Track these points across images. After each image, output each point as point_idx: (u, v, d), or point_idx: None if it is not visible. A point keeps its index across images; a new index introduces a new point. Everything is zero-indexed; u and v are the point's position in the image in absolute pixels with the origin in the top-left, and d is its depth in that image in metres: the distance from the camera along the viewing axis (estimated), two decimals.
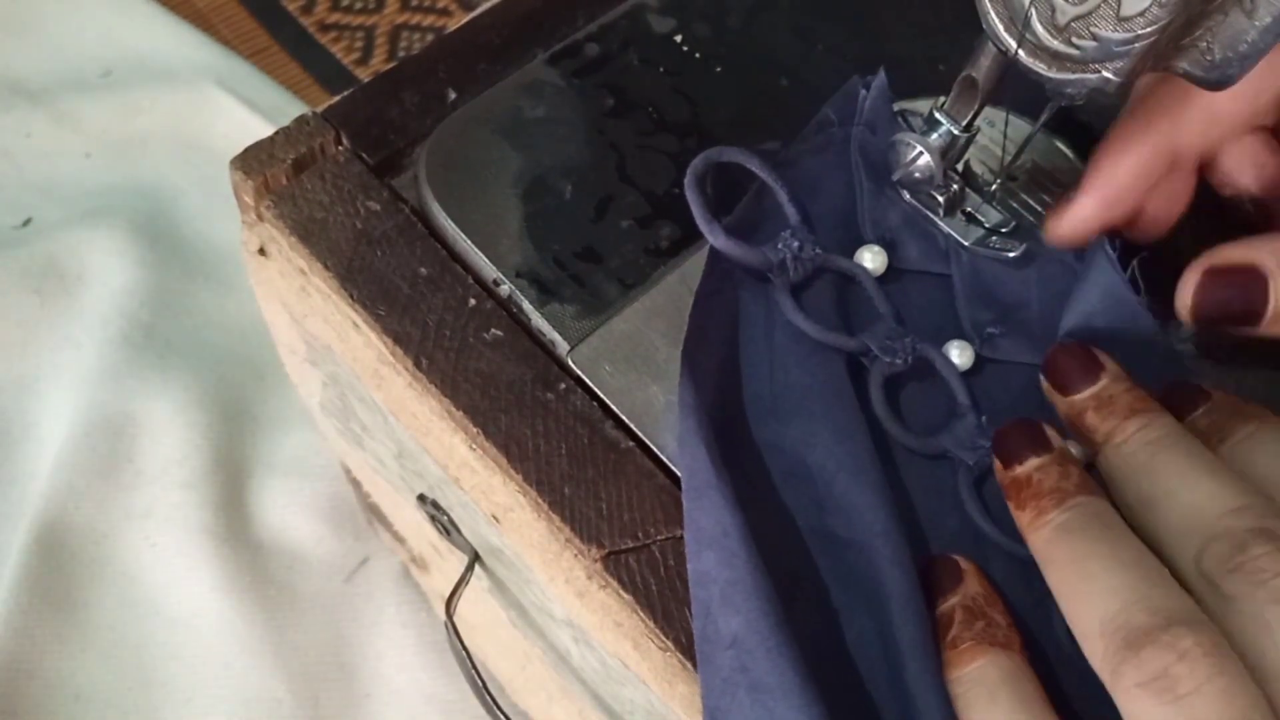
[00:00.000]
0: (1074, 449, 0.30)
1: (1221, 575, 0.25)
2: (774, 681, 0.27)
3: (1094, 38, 0.27)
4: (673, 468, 0.32)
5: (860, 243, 0.34)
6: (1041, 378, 0.31)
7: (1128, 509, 0.28)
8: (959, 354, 0.33)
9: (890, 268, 0.34)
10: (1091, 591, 0.26)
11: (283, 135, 0.36)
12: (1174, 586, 0.26)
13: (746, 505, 0.29)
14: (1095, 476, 0.29)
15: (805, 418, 0.31)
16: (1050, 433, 0.29)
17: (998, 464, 0.30)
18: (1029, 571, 0.29)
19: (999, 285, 0.34)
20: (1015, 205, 0.35)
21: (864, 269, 0.33)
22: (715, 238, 0.32)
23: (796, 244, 0.32)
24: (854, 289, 0.34)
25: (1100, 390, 0.30)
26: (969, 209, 0.35)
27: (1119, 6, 0.26)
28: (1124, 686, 0.24)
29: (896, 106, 0.37)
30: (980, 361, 0.33)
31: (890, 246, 0.34)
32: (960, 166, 0.35)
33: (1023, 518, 0.29)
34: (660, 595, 0.30)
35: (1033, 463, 0.29)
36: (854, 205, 0.35)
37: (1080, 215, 0.32)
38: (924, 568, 0.29)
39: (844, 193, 0.35)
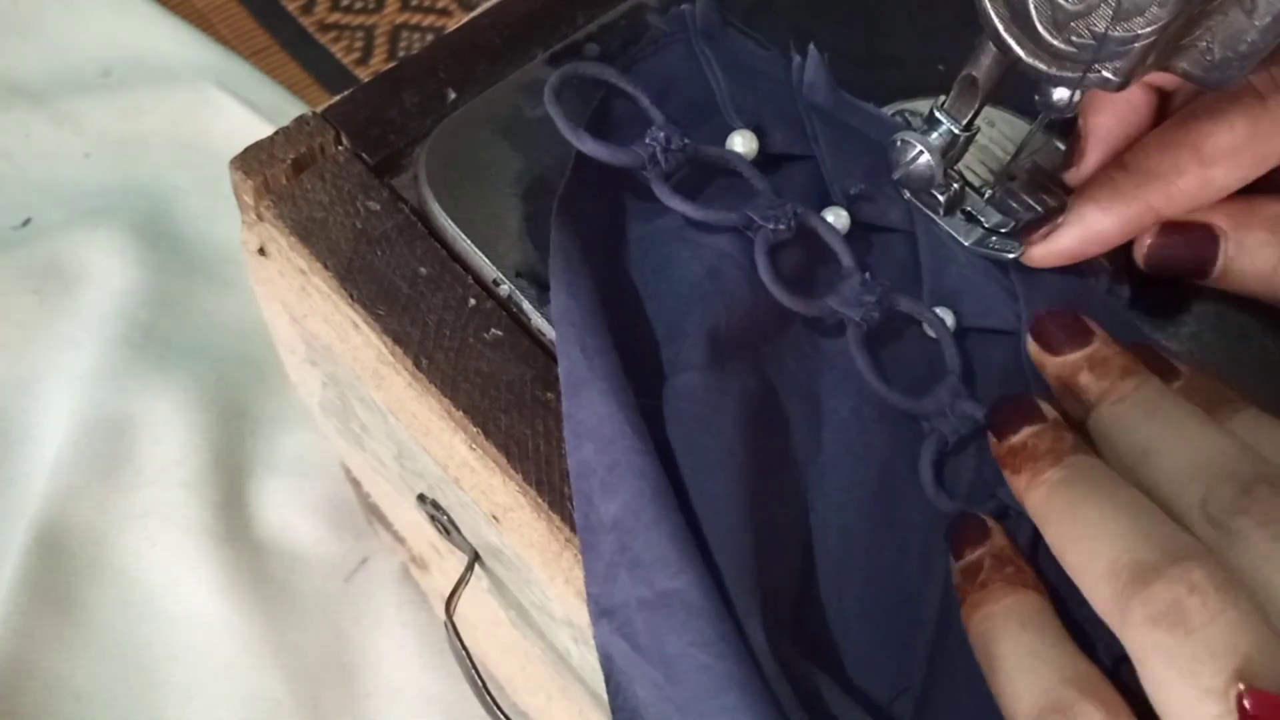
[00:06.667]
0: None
1: (1229, 516, 0.25)
2: (651, 556, 0.27)
3: (1094, 37, 0.27)
4: None
5: (725, 134, 0.35)
6: (1029, 340, 0.32)
7: (1122, 464, 0.28)
8: (834, 218, 0.34)
9: (761, 153, 0.35)
10: (1093, 537, 0.26)
11: (282, 135, 0.36)
12: (1177, 527, 0.26)
13: (628, 399, 0.29)
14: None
15: (671, 317, 0.32)
16: (1044, 405, 0.30)
17: (992, 438, 0.30)
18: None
19: (863, 156, 0.35)
20: (1015, 205, 0.35)
21: (736, 154, 0.34)
22: (582, 143, 0.33)
23: (664, 135, 0.33)
24: (726, 179, 0.35)
25: (1093, 352, 0.30)
26: (969, 209, 0.35)
27: (1119, 6, 0.26)
28: (1134, 622, 0.24)
29: (896, 106, 0.37)
30: (860, 230, 0.34)
31: (758, 132, 0.35)
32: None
33: (1019, 481, 0.29)
34: None
35: (1027, 430, 0.29)
36: (712, 100, 0.36)
37: (1060, 248, 0.33)
38: (951, 525, 0.31)
39: (699, 91, 0.36)
